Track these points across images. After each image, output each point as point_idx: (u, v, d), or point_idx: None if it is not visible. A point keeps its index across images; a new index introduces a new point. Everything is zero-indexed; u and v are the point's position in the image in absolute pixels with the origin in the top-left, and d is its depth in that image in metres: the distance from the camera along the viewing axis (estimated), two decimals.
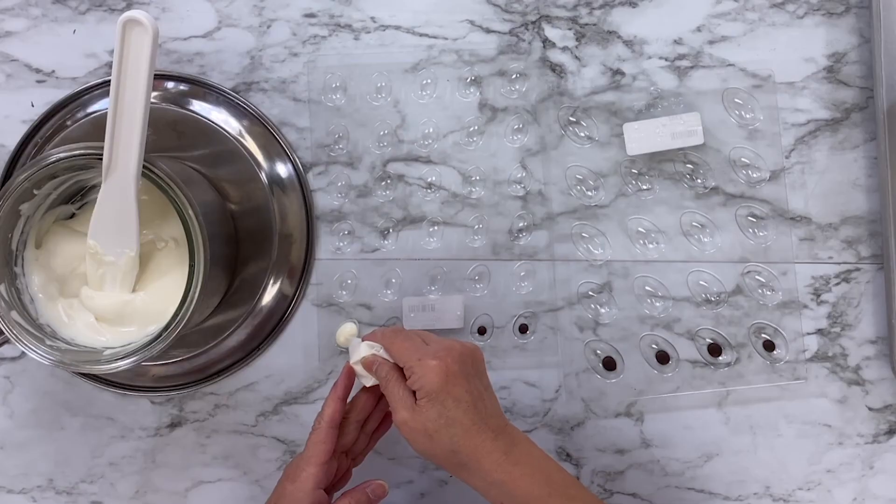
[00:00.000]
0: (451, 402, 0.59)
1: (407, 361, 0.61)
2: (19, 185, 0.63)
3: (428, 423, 0.59)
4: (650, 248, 0.74)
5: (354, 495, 0.64)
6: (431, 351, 0.61)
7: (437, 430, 0.59)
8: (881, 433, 0.74)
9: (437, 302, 0.74)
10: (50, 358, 0.63)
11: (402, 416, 0.60)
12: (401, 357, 0.62)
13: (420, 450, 0.60)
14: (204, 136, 0.74)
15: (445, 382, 0.59)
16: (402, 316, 0.74)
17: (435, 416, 0.59)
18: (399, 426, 0.60)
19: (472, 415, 0.59)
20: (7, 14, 0.77)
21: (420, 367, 0.60)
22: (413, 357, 0.60)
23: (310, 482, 0.62)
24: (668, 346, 0.74)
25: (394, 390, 0.61)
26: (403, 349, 0.62)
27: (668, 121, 0.72)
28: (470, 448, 0.59)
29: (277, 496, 0.64)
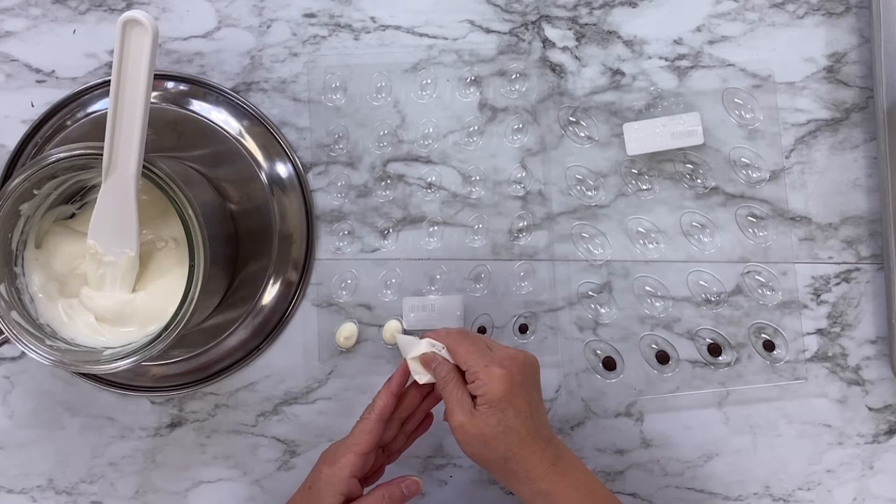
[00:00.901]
0: (511, 412, 0.60)
1: (472, 366, 0.61)
2: (19, 185, 0.63)
3: (486, 429, 0.59)
4: (650, 248, 0.74)
5: (389, 488, 0.64)
6: (497, 358, 0.61)
7: (493, 437, 0.59)
8: (881, 433, 0.74)
9: (437, 302, 0.74)
10: (50, 358, 0.63)
11: (459, 419, 0.60)
12: (466, 361, 0.62)
13: (471, 453, 0.61)
14: (204, 136, 0.74)
15: (509, 392, 0.60)
16: (403, 316, 0.74)
17: (494, 423, 0.59)
18: (455, 428, 0.60)
19: (529, 425, 0.60)
20: (7, 14, 0.77)
21: (486, 374, 0.60)
22: (479, 362, 0.61)
23: (347, 469, 0.62)
24: (668, 346, 0.74)
25: (453, 392, 0.61)
26: (469, 353, 0.62)
27: (668, 121, 0.72)
28: (522, 457, 0.60)
29: (313, 478, 0.64)
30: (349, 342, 0.75)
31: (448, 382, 0.62)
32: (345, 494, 0.62)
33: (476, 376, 0.60)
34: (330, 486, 0.62)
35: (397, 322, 0.74)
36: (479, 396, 0.60)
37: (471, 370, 0.61)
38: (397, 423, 0.67)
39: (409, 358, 0.65)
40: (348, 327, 0.75)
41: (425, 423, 0.69)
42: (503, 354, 0.62)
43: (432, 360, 0.63)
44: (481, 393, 0.60)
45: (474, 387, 0.60)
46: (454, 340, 0.63)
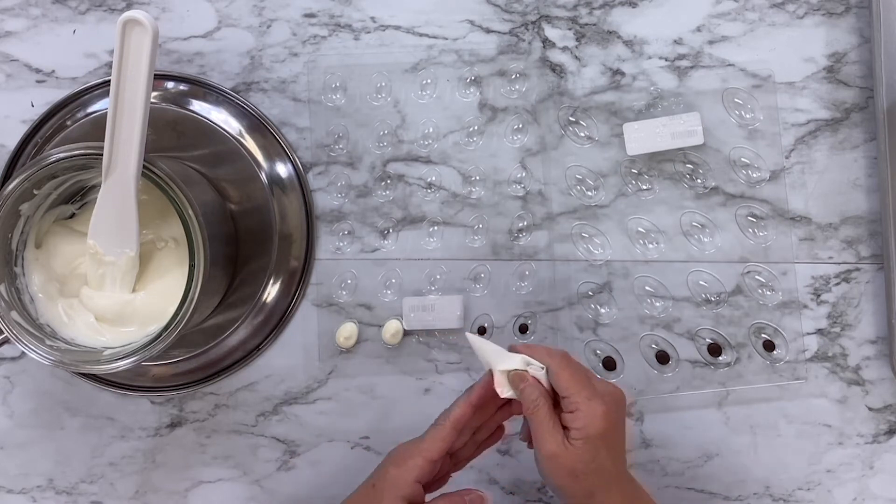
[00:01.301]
0: (604, 451, 0.58)
1: (573, 396, 0.59)
2: (19, 185, 0.63)
3: (579, 464, 0.58)
4: (650, 248, 0.74)
5: (453, 499, 0.62)
6: (598, 392, 0.59)
7: (584, 473, 0.58)
8: (881, 433, 0.74)
9: (437, 302, 0.74)
10: (50, 358, 0.63)
11: (550, 450, 0.58)
12: (568, 388, 0.59)
13: (557, 483, 0.59)
14: (204, 136, 0.74)
15: (606, 430, 0.58)
16: (403, 316, 0.74)
17: (588, 459, 0.58)
18: (544, 457, 0.58)
19: (619, 464, 0.59)
20: (7, 14, 0.77)
21: (587, 408, 0.58)
22: (581, 393, 0.59)
23: (414, 472, 0.61)
24: (668, 346, 0.74)
25: (544, 420, 0.59)
26: (572, 381, 0.59)
27: (668, 121, 0.72)
28: (607, 495, 0.59)
29: (378, 477, 0.62)
30: (349, 342, 0.75)
31: (539, 408, 0.59)
32: (407, 499, 0.60)
33: (577, 407, 0.58)
34: (394, 488, 0.60)
35: (398, 322, 0.74)
36: (576, 430, 0.58)
37: (571, 399, 0.59)
38: (469, 432, 0.65)
39: (498, 369, 0.61)
40: (348, 327, 0.75)
41: (496, 434, 0.67)
42: (603, 389, 0.60)
43: (523, 379, 0.61)
44: (580, 426, 0.58)
45: (572, 417, 0.58)
46: (557, 364, 0.60)
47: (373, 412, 0.75)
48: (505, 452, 0.75)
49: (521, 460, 0.75)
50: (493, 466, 0.75)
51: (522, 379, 0.61)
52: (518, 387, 0.61)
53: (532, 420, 0.59)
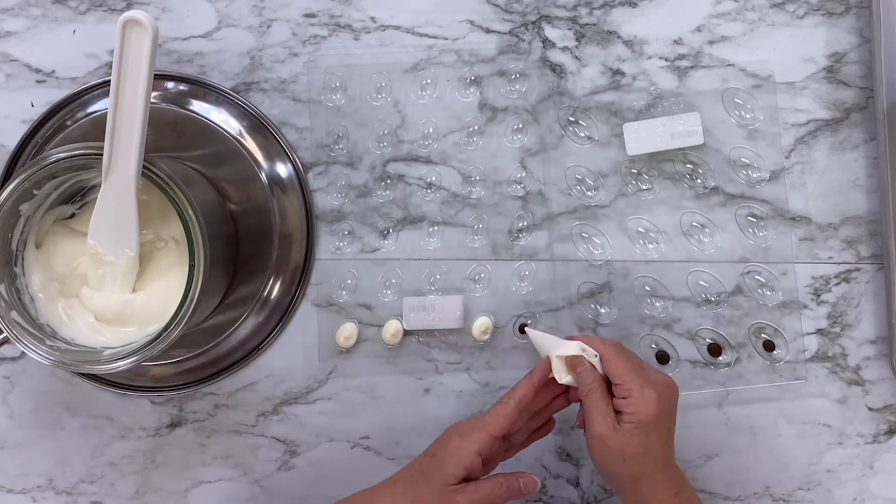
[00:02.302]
0: (654, 436, 0.60)
1: (627, 382, 0.61)
2: (19, 185, 0.63)
3: (627, 447, 0.60)
4: (650, 248, 0.74)
5: (508, 479, 0.63)
6: (651, 381, 0.61)
7: (632, 456, 0.60)
8: (881, 433, 0.74)
9: (437, 302, 0.74)
10: (50, 358, 0.63)
11: (600, 431, 0.60)
12: (621, 375, 0.61)
13: (603, 464, 0.61)
14: (204, 136, 0.74)
15: (657, 416, 0.60)
16: (403, 316, 0.74)
17: (637, 443, 0.60)
18: (594, 438, 0.61)
19: (666, 451, 0.61)
20: (7, 14, 0.77)
21: (640, 394, 0.60)
22: (635, 380, 0.61)
23: (477, 444, 0.62)
24: (667, 346, 0.74)
25: (598, 403, 0.61)
26: (626, 368, 0.61)
27: (668, 121, 0.72)
28: (653, 481, 0.61)
29: (439, 446, 0.63)
30: (349, 342, 0.75)
31: (593, 391, 0.61)
32: (468, 469, 0.61)
33: (629, 393, 0.60)
34: (456, 458, 0.61)
35: (398, 322, 0.74)
36: (628, 414, 0.60)
37: (624, 385, 0.61)
38: (526, 416, 0.66)
39: (554, 355, 0.64)
40: (348, 327, 0.75)
41: (547, 426, 0.69)
42: (655, 378, 0.62)
43: (580, 363, 0.63)
44: (632, 411, 0.60)
45: (625, 403, 0.60)
46: (611, 351, 0.63)
47: (373, 412, 0.75)
48: None
49: (521, 460, 0.75)
50: None
51: (579, 363, 0.63)
52: (575, 371, 0.63)
53: (586, 402, 0.62)
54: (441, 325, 0.74)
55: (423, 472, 0.62)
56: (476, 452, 0.62)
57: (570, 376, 0.64)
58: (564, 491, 0.75)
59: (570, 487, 0.75)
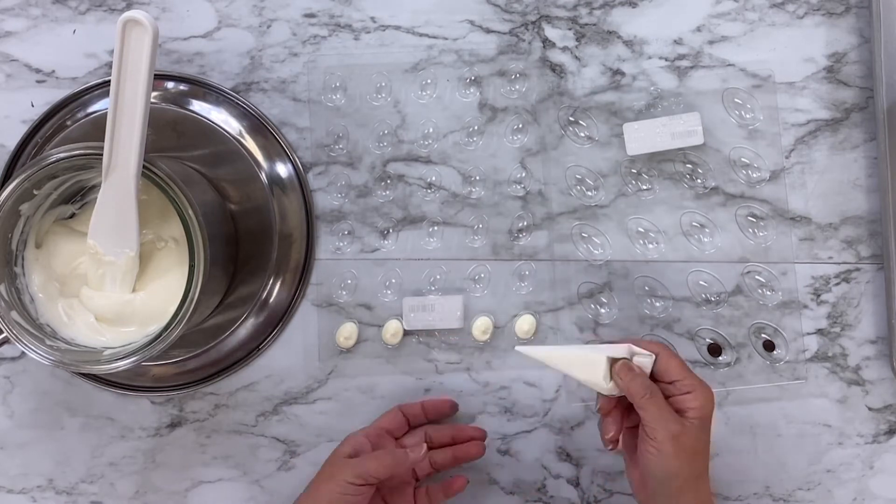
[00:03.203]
0: (708, 433, 0.61)
1: (686, 378, 0.61)
2: (19, 185, 0.63)
3: (698, 442, 0.60)
4: (650, 248, 0.74)
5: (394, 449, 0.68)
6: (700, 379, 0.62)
7: (701, 452, 0.60)
8: (881, 433, 0.74)
9: (437, 302, 0.74)
10: (50, 358, 0.63)
11: (673, 430, 0.59)
12: (680, 372, 0.61)
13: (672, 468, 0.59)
14: (204, 136, 0.74)
15: (712, 412, 0.61)
16: (403, 316, 0.74)
17: (704, 438, 0.60)
18: (665, 442, 0.59)
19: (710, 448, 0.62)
20: (7, 14, 0.77)
21: (702, 388, 0.60)
22: (692, 376, 0.61)
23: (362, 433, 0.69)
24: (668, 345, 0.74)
25: (662, 403, 0.60)
26: (682, 365, 0.61)
27: (668, 121, 0.72)
28: (706, 480, 0.61)
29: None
30: (349, 342, 0.75)
31: (655, 393, 0.60)
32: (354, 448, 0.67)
33: (692, 388, 0.60)
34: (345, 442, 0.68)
35: (398, 322, 0.74)
36: (693, 409, 0.60)
37: (684, 382, 0.60)
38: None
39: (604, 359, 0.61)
40: (348, 327, 0.75)
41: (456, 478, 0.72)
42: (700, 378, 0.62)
43: (630, 369, 0.61)
44: (697, 406, 0.60)
45: (690, 398, 0.60)
46: (667, 351, 0.62)
47: (373, 412, 0.75)
48: (505, 452, 0.75)
49: (521, 460, 0.75)
50: (493, 466, 0.75)
51: (629, 369, 0.61)
52: (624, 377, 0.61)
53: (648, 407, 0.60)
54: (441, 325, 0.74)
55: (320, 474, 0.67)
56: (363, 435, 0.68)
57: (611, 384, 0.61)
58: (564, 491, 0.75)
59: (570, 487, 0.75)
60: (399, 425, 0.71)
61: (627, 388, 0.61)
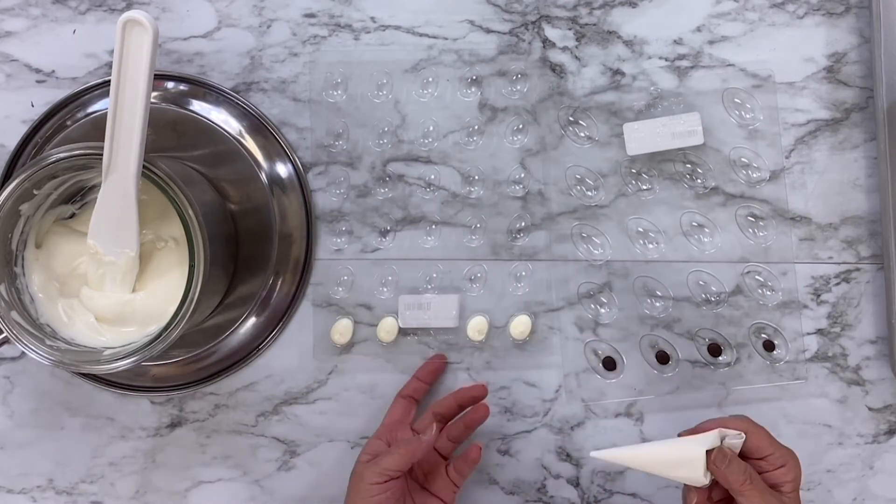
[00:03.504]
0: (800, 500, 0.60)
1: (777, 451, 0.60)
2: (19, 185, 0.63)
3: None
4: (650, 248, 0.74)
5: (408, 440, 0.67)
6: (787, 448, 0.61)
7: None
8: (881, 433, 0.74)
9: (433, 301, 0.74)
10: (50, 358, 0.63)
11: None
12: (771, 445, 0.60)
13: None
14: (204, 136, 0.74)
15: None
16: (399, 314, 0.74)
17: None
18: None
19: None
20: (7, 14, 0.77)
21: (793, 459, 0.60)
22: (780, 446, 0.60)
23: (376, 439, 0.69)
24: (668, 346, 0.74)
25: (764, 487, 0.58)
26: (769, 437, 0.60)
27: (668, 121, 0.72)
28: None
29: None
30: (343, 338, 0.74)
31: (755, 478, 0.58)
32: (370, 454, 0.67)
33: (784, 461, 0.59)
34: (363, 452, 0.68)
35: (393, 320, 0.74)
36: (789, 482, 0.59)
37: (776, 455, 0.60)
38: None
39: (701, 454, 0.59)
40: (343, 323, 0.75)
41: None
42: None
43: (726, 454, 0.59)
44: (791, 478, 0.59)
45: (784, 472, 0.59)
46: (754, 426, 0.61)
47: (373, 412, 0.75)
48: (505, 452, 0.75)
49: (521, 460, 0.75)
50: (493, 466, 0.75)
51: (724, 455, 0.59)
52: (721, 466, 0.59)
53: (750, 493, 0.58)
54: (436, 323, 0.74)
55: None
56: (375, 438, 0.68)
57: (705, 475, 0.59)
58: (564, 491, 0.75)
59: (570, 487, 0.75)
60: (405, 413, 0.71)
61: (725, 476, 0.59)
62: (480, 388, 0.71)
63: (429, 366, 0.73)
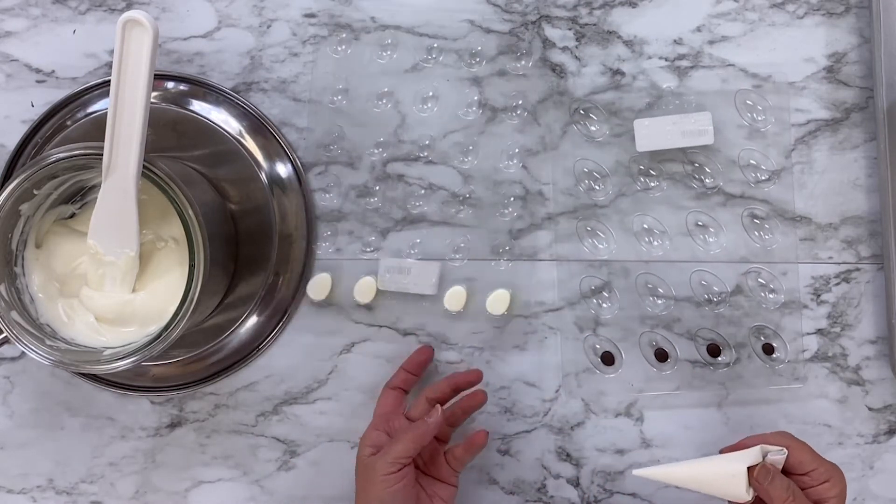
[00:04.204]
0: None
1: (820, 466, 0.59)
2: (19, 185, 0.63)
3: None
4: (651, 248, 0.74)
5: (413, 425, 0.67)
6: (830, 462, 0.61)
7: None
8: (881, 433, 0.74)
9: (415, 266, 0.74)
10: (50, 358, 0.63)
11: None
12: (813, 460, 0.60)
13: None
14: (204, 136, 0.74)
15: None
16: (378, 276, 0.74)
17: None
18: None
19: None
20: (7, 14, 0.77)
21: (836, 473, 0.59)
22: (823, 461, 0.59)
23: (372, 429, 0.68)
24: (667, 343, 0.74)
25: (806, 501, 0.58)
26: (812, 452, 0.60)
27: (678, 119, 0.72)
28: None
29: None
30: (322, 294, 0.74)
31: (798, 495, 0.58)
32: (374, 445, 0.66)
33: (829, 476, 0.59)
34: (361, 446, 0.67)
35: (371, 279, 0.74)
36: (833, 498, 0.58)
37: (820, 470, 0.59)
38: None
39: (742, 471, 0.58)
40: (321, 278, 0.74)
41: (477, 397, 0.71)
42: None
43: (769, 471, 0.59)
44: (836, 493, 0.58)
45: (828, 487, 0.59)
46: (797, 442, 0.60)
47: (373, 412, 0.75)
48: (505, 452, 0.75)
49: (521, 460, 0.75)
50: (492, 466, 0.75)
51: (767, 471, 0.59)
52: (763, 482, 0.59)
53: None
54: (415, 289, 0.73)
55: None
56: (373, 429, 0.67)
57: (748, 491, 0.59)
58: (564, 491, 0.75)
59: (570, 487, 0.75)
60: (397, 404, 0.71)
61: (768, 492, 0.58)
62: (476, 373, 0.71)
63: (416, 357, 0.73)
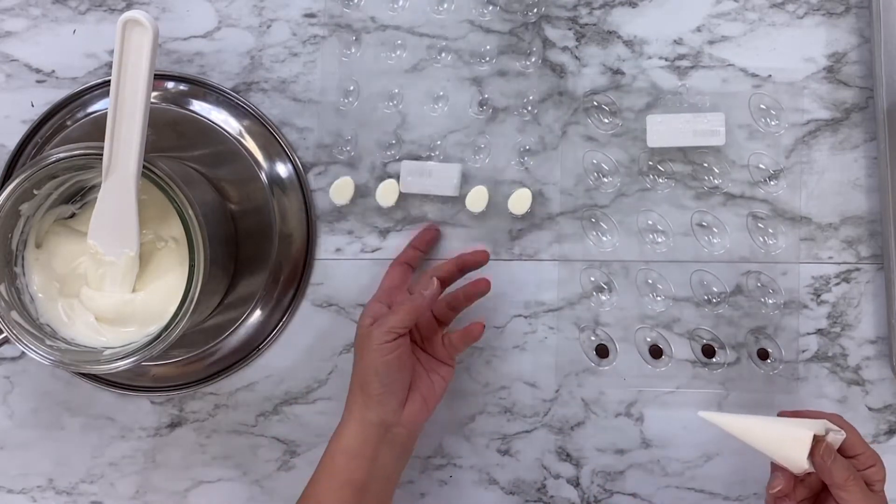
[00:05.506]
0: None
1: (867, 450, 0.61)
2: (19, 185, 0.63)
3: None
4: (652, 248, 0.74)
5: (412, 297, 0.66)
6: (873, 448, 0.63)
7: None
8: (881, 433, 0.74)
9: (435, 168, 0.74)
10: (50, 358, 0.63)
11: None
12: (863, 444, 0.62)
13: None
14: (204, 136, 0.74)
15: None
16: (400, 179, 0.74)
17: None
18: None
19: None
20: (7, 14, 0.77)
21: (880, 459, 0.61)
22: (870, 447, 0.62)
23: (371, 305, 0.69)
24: (661, 340, 0.74)
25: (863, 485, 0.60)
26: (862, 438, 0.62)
27: (691, 118, 0.72)
28: None
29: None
30: (345, 197, 0.74)
31: (856, 475, 0.60)
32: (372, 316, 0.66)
33: (875, 460, 0.61)
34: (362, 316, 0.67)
35: (394, 182, 0.74)
36: (879, 482, 0.61)
37: (868, 454, 0.61)
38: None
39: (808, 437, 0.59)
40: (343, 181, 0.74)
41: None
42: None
43: (830, 451, 0.60)
44: (880, 478, 0.61)
45: (873, 472, 0.61)
46: (846, 423, 0.62)
47: None
48: (505, 452, 0.75)
49: (521, 460, 0.75)
50: (492, 466, 0.75)
51: (831, 451, 0.60)
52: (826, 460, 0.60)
53: (851, 489, 0.59)
54: (437, 191, 0.73)
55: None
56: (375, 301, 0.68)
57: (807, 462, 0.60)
58: (564, 491, 0.75)
59: (570, 487, 0.75)
60: (403, 279, 0.71)
61: (830, 470, 0.59)
62: (482, 254, 0.71)
63: (424, 235, 0.73)
